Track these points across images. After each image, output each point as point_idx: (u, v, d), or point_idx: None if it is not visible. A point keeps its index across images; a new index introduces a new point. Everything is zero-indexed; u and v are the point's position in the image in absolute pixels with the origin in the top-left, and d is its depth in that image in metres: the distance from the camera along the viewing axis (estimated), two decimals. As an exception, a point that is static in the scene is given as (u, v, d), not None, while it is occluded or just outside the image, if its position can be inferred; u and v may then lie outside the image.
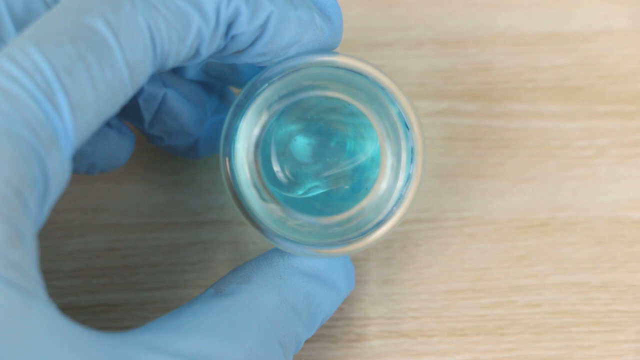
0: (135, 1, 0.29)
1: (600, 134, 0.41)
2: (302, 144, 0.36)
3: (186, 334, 0.30)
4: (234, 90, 0.39)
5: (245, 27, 0.31)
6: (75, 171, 0.36)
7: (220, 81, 0.36)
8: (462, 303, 0.39)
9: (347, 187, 0.36)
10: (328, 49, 0.33)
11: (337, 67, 0.33)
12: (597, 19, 0.42)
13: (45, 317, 0.26)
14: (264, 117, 0.32)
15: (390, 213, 0.33)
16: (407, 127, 0.32)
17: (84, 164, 0.36)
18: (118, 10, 0.28)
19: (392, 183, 0.32)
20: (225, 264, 0.39)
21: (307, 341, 0.38)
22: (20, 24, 0.31)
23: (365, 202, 0.32)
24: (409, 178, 0.32)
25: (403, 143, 0.32)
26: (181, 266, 0.39)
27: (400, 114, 0.32)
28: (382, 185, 0.32)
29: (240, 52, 0.32)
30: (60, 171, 0.27)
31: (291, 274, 0.33)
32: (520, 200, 0.40)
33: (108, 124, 0.36)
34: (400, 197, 0.33)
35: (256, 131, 0.32)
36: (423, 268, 0.39)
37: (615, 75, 0.41)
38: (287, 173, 0.36)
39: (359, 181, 0.35)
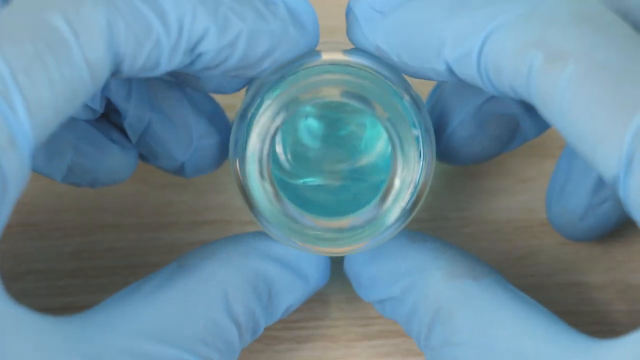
0: None
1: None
2: (311, 140, 0.36)
3: (143, 310, 0.30)
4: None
5: (213, 45, 0.30)
6: (77, 184, 0.36)
7: (183, 84, 0.36)
8: (462, 303, 0.39)
9: (354, 184, 0.36)
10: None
11: (349, 65, 0.32)
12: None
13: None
14: (274, 124, 0.31)
15: (398, 220, 0.32)
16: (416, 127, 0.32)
17: (87, 179, 0.36)
18: (78, 7, 0.28)
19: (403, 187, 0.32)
20: (225, 264, 0.39)
21: (307, 341, 0.38)
22: None
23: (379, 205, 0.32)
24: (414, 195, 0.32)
25: (414, 152, 0.32)
26: (181, 266, 0.39)
27: (407, 109, 0.32)
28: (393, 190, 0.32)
29: (210, 68, 0.31)
30: (18, 171, 0.27)
31: (258, 256, 0.33)
32: (520, 199, 0.40)
33: (111, 139, 0.36)
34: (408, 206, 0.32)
35: (267, 139, 0.31)
36: (423, 268, 0.39)
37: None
38: (291, 160, 0.36)
39: (367, 180, 0.35)
